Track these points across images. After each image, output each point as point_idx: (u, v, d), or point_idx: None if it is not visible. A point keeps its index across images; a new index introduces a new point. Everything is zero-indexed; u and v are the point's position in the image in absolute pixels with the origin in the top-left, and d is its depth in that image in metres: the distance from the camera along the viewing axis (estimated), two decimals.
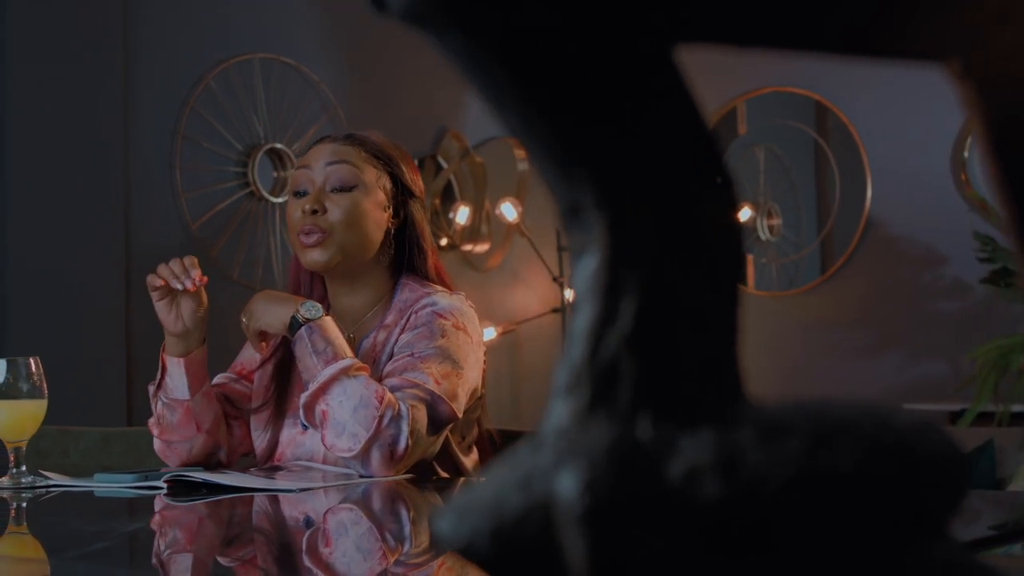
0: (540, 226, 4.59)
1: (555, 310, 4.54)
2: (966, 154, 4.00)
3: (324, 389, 1.68)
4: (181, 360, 1.82)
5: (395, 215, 1.86)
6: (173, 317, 1.80)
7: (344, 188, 1.81)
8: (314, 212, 1.80)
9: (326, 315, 1.75)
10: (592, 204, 0.48)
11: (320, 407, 1.68)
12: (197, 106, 3.66)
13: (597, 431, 0.44)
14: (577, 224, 0.49)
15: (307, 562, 1.13)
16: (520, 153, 4.64)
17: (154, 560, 1.17)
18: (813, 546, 0.45)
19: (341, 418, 1.65)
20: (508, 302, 4.53)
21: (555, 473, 0.44)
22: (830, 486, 0.46)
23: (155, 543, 1.27)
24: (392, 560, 1.12)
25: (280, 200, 3.80)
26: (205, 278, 1.79)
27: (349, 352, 1.72)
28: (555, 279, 4.52)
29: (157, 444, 1.86)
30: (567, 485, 0.41)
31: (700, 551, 0.41)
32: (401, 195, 1.87)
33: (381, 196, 1.84)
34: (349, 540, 1.27)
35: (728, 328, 0.49)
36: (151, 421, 1.86)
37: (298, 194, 1.84)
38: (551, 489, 0.46)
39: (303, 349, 1.71)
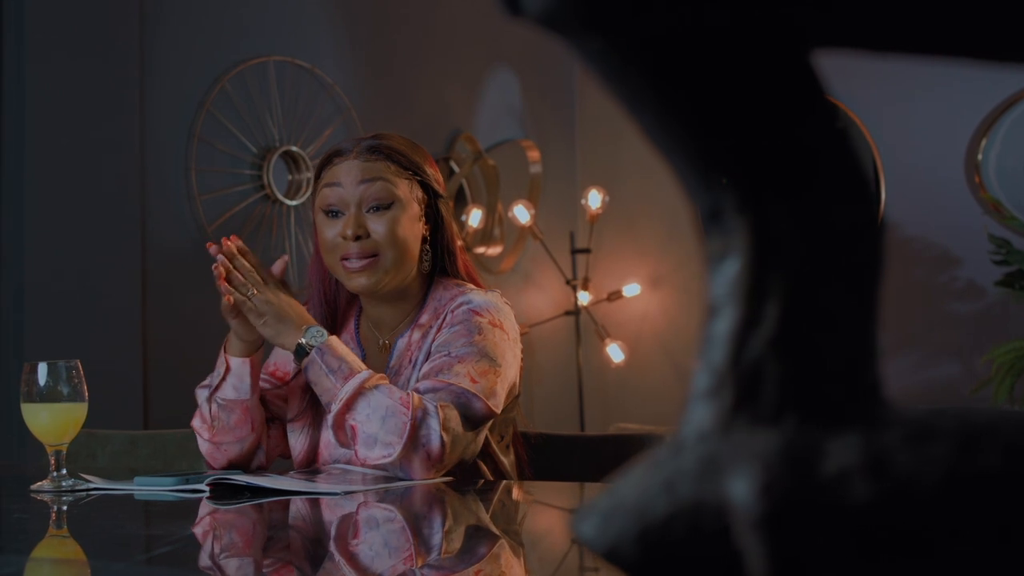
0: (553, 229, 4.60)
1: (568, 313, 4.54)
2: (980, 156, 4.00)
3: (349, 405, 1.67)
4: (247, 360, 1.81)
5: (427, 221, 1.86)
6: (246, 328, 1.79)
7: (381, 207, 1.79)
8: (357, 238, 1.78)
9: (330, 335, 1.75)
10: (734, 208, 0.48)
11: (349, 423, 1.68)
12: (212, 108, 3.66)
13: (758, 434, 0.44)
14: (717, 228, 0.49)
15: (353, 565, 1.13)
16: (533, 156, 4.64)
17: (204, 564, 1.17)
18: (965, 548, 0.45)
19: (371, 431, 1.65)
20: (521, 305, 4.53)
21: (712, 477, 0.45)
22: (980, 488, 0.46)
23: (202, 547, 1.27)
24: (426, 562, 1.12)
25: (295, 203, 3.80)
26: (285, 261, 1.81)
27: (363, 365, 1.73)
28: (568, 282, 4.52)
29: (205, 446, 1.85)
30: (741, 489, 0.41)
31: (874, 555, 0.41)
32: (431, 199, 1.86)
33: (416, 208, 1.83)
34: (394, 543, 1.26)
35: (868, 330, 0.49)
36: (198, 424, 1.85)
37: (331, 213, 1.81)
38: (697, 493, 0.47)
39: (317, 372, 1.71)
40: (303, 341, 1.72)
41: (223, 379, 1.81)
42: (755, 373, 0.48)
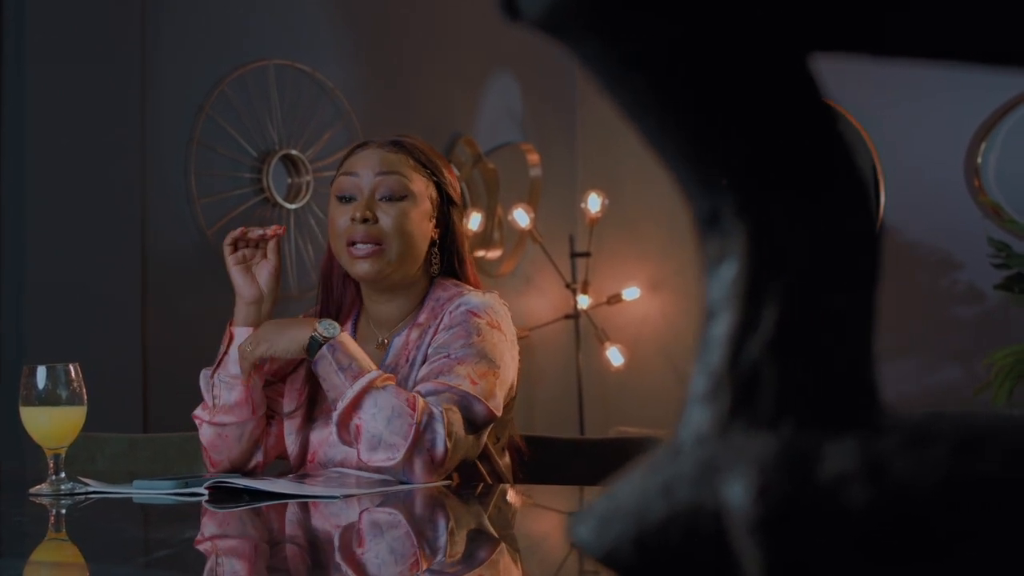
0: (553, 232, 4.59)
1: (568, 316, 4.54)
2: (980, 160, 4.00)
3: (356, 404, 1.67)
4: (252, 329, 1.81)
5: (438, 225, 1.87)
6: (249, 281, 1.81)
7: (394, 198, 1.81)
8: (364, 220, 1.80)
9: (342, 330, 1.75)
10: (732, 212, 0.48)
11: (354, 422, 1.67)
12: (212, 112, 3.66)
13: (756, 438, 0.44)
14: (716, 232, 0.49)
15: (352, 569, 1.13)
16: (533, 159, 4.64)
17: (204, 568, 1.17)
18: (964, 552, 0.45)
19: (375, 431, 1.65)
20: (521, 308, 4.53)
21: (709, 480, 0.44)
22: (978, 491, 0.46)
23: (202, 551, 1.27)
24: (426, 567, 1.12)
25: (294, 206, 3.80)
26: (283, 228, 1.84)
27: (372, 365, 1.73)
28: (568, 285, 4.52)
29: (207, 432, 1.83)
30: (737, 493, 0.41)
31: (872, 559, 0.41)
32: (444, 204, 1.88)
33: (427, 206, 1.85)
34: (398, 546, 1.26)
35: (866, 335, 0.49)
36: (198, 412, 1.84)
37: (343, 199, 1.84)
38: (695, 496, 0.47)
39: (327, 368, 1.70)
40: (317, 334, 1.71)
41: (226, 352, 1.81)
42: (752, 377, 0.48)
